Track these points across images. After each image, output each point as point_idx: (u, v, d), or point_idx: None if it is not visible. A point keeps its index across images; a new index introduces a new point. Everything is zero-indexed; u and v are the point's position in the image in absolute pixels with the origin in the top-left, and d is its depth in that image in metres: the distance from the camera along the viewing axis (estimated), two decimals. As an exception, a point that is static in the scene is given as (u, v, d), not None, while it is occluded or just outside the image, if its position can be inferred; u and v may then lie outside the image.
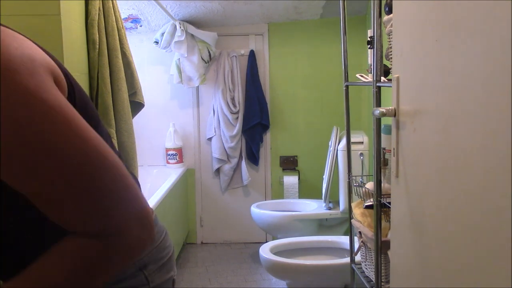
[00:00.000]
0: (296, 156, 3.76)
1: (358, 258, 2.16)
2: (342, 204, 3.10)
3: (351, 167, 2.31)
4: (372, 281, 1.90)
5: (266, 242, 3.12)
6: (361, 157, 2.93)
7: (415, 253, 1.26)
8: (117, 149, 1.86)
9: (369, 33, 1.84)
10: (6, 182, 0.59)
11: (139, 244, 0.68)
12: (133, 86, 1.97)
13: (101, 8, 1.81)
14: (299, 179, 3.73)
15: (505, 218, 0.79)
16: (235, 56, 3.62)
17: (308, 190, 3.73)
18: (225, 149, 3.64)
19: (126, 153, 1.90)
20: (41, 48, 0.69)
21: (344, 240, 2.80)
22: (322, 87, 3.69)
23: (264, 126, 3.68)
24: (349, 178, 2.26)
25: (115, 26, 1.86)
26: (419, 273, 1.23)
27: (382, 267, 1.77)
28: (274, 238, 3.35)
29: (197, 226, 3.85)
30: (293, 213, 3.23)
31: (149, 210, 0.70)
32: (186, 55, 3.43)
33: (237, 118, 3.61)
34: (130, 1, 3.11)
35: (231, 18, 3.54)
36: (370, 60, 1.94)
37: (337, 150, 3.03)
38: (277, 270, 2.67)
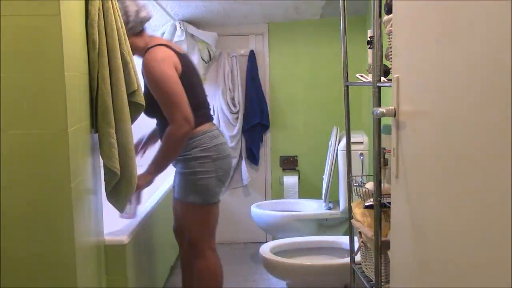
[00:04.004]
0: (296, 156, 3.76)
1: (358, 258, 2.16)
2: (342, 204, 3.10)
3: (351, 167, 2.31)
4: (372, 281, 1.90)
5: (266, 242, 3.12)
6: (361, 157, 2.93)
7: (415, 253, 1.26)
8: (117, 149, 1.86)
9: (369, 33, 1.84)
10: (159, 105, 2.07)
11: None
12: (129, 86, 1.96)
13: (101, 8, 1.81)
14: (299, 179, 3.73)
15: (505, 218, 0.79)
16: (235, 56, 3.62)
17: (308, 190, 3.73)
18: (225, 149, 3.64)
19: (125, 153, 1.90)
20: (175, 50, 2.12)
21: (344, 240, 2.80)
22: (322, 87, 3.69)
23: (264, 126, 3.68)
24: (349, 178, 2.26)
25: (114, 26, 1.86)
26: (419, 273, 1.23)
27: (382, 267, 1.77)
28: (274, 238, 3.35)
29: (197, 226, 3.84)
30: (293, 213, 3.23)
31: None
32: (186, 55, 3.43)
33: (237, 118, 3.61)
34: (130, 1, 3.11)
35: (231, 18, 3.54)
36: (370, 60, 1.94)
37: (337, 150, 3.03)
38: (277, 270, 2.67)
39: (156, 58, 2.06)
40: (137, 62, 2.04)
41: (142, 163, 2.56)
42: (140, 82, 2.03)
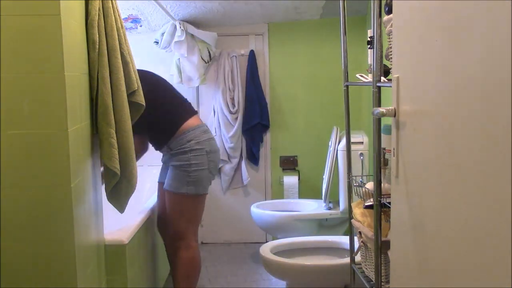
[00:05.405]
0: (296, 156, 3.76)
1: (358, 258, 2.16)
2: (342, 204, 3.10)
3: (351, 167, 2.31)
4: (372, 281, 1.90)
5: (266, 242, 3.12)
6: (361, 157, 2.93)
7: (415, 253, 1.26)
8: (117, 149, 1.86)
9: (369, 33, 1.84)
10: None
11: None
12: (129, 86, 1.96)
13: (101, 8, 1.81)
14: (299, 179, 3.73)
15: (505, 218, 0.79)
16: (235, 56, 3.62)
17: (308, 190, 3.73)
18: (226, 149, 3.64)
19: (124, 153, 1.90)
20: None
21: (344, 240, 2.80)
22: (322, 87, 3.69)
23: (264, 126, 3.68)
24: (349, 178, 2.26)
25: (114, 26, 1.86)
26: (419, 273, 1.23)
27: (382, 267, 1.77)
28: (274, 238, 3.35)
29: (197, 226, 3.84)
30: (293, 213, 3.23)
31: None
32: (186, 55, 3.43)
33: (237, 118, 3.61)
34: (130, 1, 3.12)
35: (231, 18, 3.54)
36: (370, 60, 1.94)
37: (337, 150, 3.03)
38: (277, 270, 2.67)
39: None
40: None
41: (141, 162, 2.57)
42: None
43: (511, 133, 0.77)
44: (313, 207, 3.33)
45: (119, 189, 1.94)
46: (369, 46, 1.89)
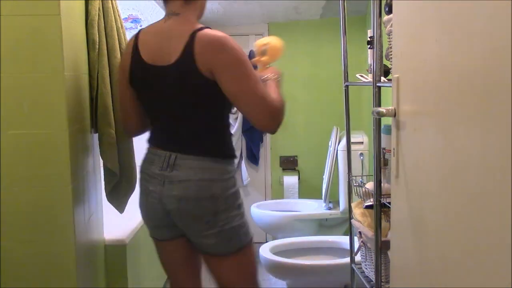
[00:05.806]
0: (296, 156, 3.76)
1: (358, 258, 2.16)
2: (342, 204, 3.10)
3: (351, 167, 2.31)
4: (372, 281, 1.90)
5: (266, 242, 3.11)
6: (361, 157, 2.93)
7: (415, 253, 1.26)
8: (117, 149, 1.86)
9: (369, 33, 1.84)
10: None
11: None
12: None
13: (101, 8, 1.81)
14: (299, 179, 3.73)
15: (505, 218, 0.79)
16: (235, 56, 3.62)
17: (308, 190, 3.73)
18: (225, 149, 3.64)
19: (124, 154, 1.90)
20: None
21: (344, 240, 2.80)
22: (322, 87, 3.69)
23: (264, 126, 3.68)
24: (349, 178, 2.26)
25: (114, 26, 1.86)
26: (419, 273, 1.23)
27: (382, 267, 1.77)
28: (274, 238, 3.34)
29: (197, 226, 3.84)
30: (293, 213, 3.23)
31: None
32: (186, 55, 3.43)
33: (236, 118, 3.61)
34: (130, 1, 3.12)
35: (231, 18, 3.54)
36: (370, 60, 1.93)
37: (337, 150, 3.03)
38: (277, 270, 2.67)
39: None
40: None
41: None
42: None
43: (511, 132, 0.77)
44: (313, 207, 3.33)
45: (119, 189, 1.94)
46: (369, 46, 1.89)
